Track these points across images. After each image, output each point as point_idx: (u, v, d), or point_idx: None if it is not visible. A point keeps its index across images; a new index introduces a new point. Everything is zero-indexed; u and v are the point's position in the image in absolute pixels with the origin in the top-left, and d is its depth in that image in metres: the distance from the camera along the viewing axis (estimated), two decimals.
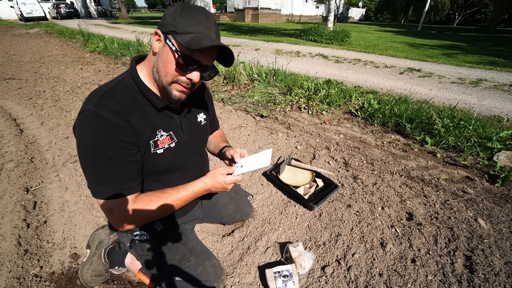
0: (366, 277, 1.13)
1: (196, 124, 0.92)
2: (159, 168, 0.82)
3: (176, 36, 0.65)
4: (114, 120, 0.66)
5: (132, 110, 0.71)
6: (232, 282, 1.12)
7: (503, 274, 1.11)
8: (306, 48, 7.83)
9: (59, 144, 2.26)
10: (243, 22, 21.66)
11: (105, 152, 0.67)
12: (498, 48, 8.68)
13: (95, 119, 0.65)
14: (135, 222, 0.78)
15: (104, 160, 0.68)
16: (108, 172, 0.69)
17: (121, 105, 0.69)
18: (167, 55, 0.67)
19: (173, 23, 0.65)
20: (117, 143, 0.68)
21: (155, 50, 0.70)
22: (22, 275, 1.14)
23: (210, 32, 0.68)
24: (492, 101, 3.45)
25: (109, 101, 0.68)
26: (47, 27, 12.47)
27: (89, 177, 0.70)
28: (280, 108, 3.06)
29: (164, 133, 0.79)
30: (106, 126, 0.66)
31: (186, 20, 0.65)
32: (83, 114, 0.67)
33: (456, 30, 19.99)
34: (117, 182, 0.71)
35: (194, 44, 0.63)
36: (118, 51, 6.00)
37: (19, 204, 1.55)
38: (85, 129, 0.67)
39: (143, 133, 0.73)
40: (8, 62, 5.46)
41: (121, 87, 0.72)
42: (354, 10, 38.01)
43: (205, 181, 0.82)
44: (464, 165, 1.93)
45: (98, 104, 0.67)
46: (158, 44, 0.69)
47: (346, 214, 1.48)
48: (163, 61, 0.69)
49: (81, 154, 0.69)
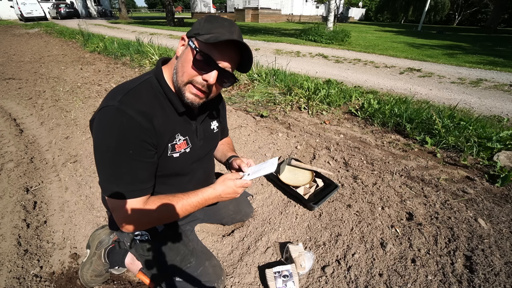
0: (366, 277, 1.13)
1: (210, 131, 0.93)
2: (170, 171, 0.81)
3: (198, 37, 0.68)
4: (138, 119, 0.66)
5: (155, 111, 0.71)
6: (232, 282, 1.12)
7: (503, 274, 1.11)
8: (306, 48, 7.83)
9: (59, 144, 2.26)
10: (243, 22, 21.66)
11: (126, 151, 0.66)
12: (498, 48, 8.68)
13: (119, 115, 0.64)
14: (143, 224, 0.76)
15: (123, 159, 0.66)
16: (125, 171, 0.68)
17: (146, 105, 0.69)
18: (187, 55, 0.69)
19: (198, 27, 0.69)
20: (139, 143, 0.67)
21: (178, 54, 0.72)
22: (22, 275, 1.14)
23: (233, 36, 0.68)
24: (492, 101, 3.45)
25: (134, 99, 0.68)
26: (47, 27, 12.47)
27: (103, 173, 0.69)
28: (280, 108, 3.06)
29: (182, 137, 0.79)
30: (129, 124, 0.65)
31: (210, 24, 0.68)
32: (106, 109, 0.65)
33: (456, 30, 20.00)
34: (132, 182, 0.69)
35: (212, 39, 0.65)
36: (118, 51, 5.99)
37: (19, 204, 1.55)
38: (107, 125, 0.65)
39: (164, 135, 0.73)
40: (8, 62, 5.46)
41: (146, 87, 0.72)
42: (354, 10, 38.01)
43: (215, 188, 0.82)
44: (464, 165, 1.93)
45: (123, 100, 0.66)
46: (182, 48, 0.72)
47: (346, 214, 1.48)
48: (183, 61, 0.70)
49: (99, 149, 0.67)
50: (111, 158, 0.66)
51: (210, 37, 0.65)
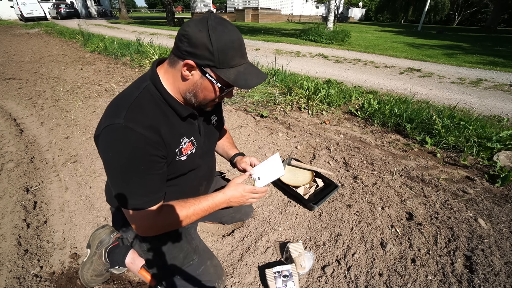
0: (366, 277, 1.13)
1: (210, 127, 0.94)
2: (179, 172, 0.83)
3: (217, 71, 0.65)
4: (147, 135, 0.66)
5: (160, 121, 0.71)
6: (232, 282, 1.12)
7: (503, 274, 1.11)
8: (306, 48, 7.83)
9: (59, 144, 2.26)
10: (243, 22, 21.66)
11: (137, 167, 0.67)
12: (498, 48, 8.68)
13: (128, 134, 0.64)
14: (159, 229, 0.79)
15: (135, 175, 0.67)
16: (138, 186, 0.69)
17: (151, 118, 0.69)
18: (207, 86, 0.69)
19: (211, 58, 0.63)
20: (149, 158, 0.67)
21: (187, 78, 0.68)
22: (22, 275, 1.14)
23: (246, 58, 0.70)
24: (492, 101, 3.45)
25: (139, 114, 0.67)
26: (47, 27, 12.47)
27: (117, 189, 0.71)
28: (280, 108, 3.06)
29: (187, 139, 0.80)
30: (139, 142, 0.65)
31: (224, 55, 0.64)
32: (113, 127, 0.65)
33: (456, 30, 19.99)
34: (146, 194, 0.71)
35: (243, 84, 0.67)
36: (118, 51, 5.99)
37: (19, 204, 1.56)
38: (116, 144, 0.65)
39: (172, 144, 0.74)
40: (8, 62, 5.46)
41: (146, 96, 0.71)
42: (354, 10, 38.00)
43: (225, 192, 0.84)
44: (464, 165, 1.93)
45: (128, 117, 0.65)
46: (191, 73, 0.67)
47: (346, 214, 1.48)
48: (203, 91, 0.70)
49: (111, 168, 0.69)
50: (124, 176, 0.68)
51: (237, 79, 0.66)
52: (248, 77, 0.68)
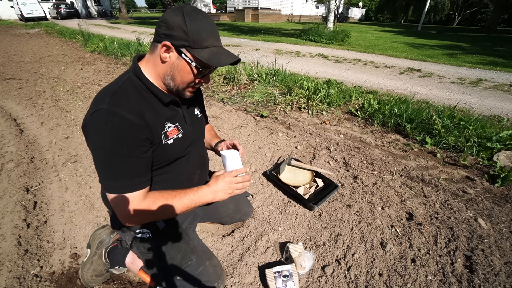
0: (366, 277, 1.13)
1: (195, 117, 0.97)
2: (168, 158, 0.85)
3: (191, 50, 0.70)
4: (130, 117, 0.69)
5: (143, 106, 0.74)
6: (232, 282, 1.12)
7: (503, 274, 1.11)
8: (306, 48, 7.83)
9: (59, 144, 2.26)
10: (243, 22, 21.66)
11: (120, 149, 0.69)
12: (498, 48, 8.68)
13: (111, 117, 0.67)
14: (144, 217, 0.78)
15: (118, 157, 0.69)
16: (121, 168, 0.71)
17: (134, 103, 0.72)
18: (184, 67, 0.72)
19: (185, 38, 0.68)
20: (132, 140, 0.70)
21: (165, 60, 0.72)
22: (22, 275, 1.15)
23: (219, 42, 0.75)
24: (492, 101, 3.45)
25: (122, 99, 0.71)
26: (47, 27, 12.48)
27: (102, 172, 0.72)
28: (280, 108, 3.06)
29: (172, 124, 0.83)
30: (122, 124, 0.68)
31: (198, 36, 0.69)
32: (98, 113, 0.68)
33: (456, 30, 20.00)
34: (129, 177, 0.72)
35: (215, 62, 0.71)
36: (118, 51, 6.00)
37: (19, 204, 1.56)
38: (101, 128, 0.67)
39: (156, 127, 0.77)
40: (8, 62, 5.46)
41: (129, 85, 0.75)
42: (354, 10, 38.01)
43: (209, 184, 0.85)
44: (464, 165, 1.93)
45: (111, 102, 0.69)
46: (169, 54, 0.71)
47: (346, 214, 1.48)
48: (180, 72, 0.74)
49: (96, 151, 0.70)
50: (108, 158, 0.69)
51: (210, 58, 0.70)
52: (221, 57, 0.73)
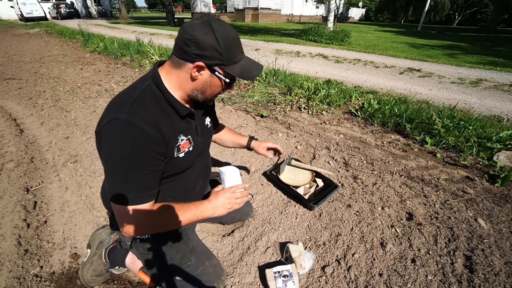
0: (366, 277, 1.13)
1: (205, 127, 0.97)
2: (177, 170, 0.85)
3: (224, 68, 0.73)
4: (149, 131, 0.68)
5: (161, 118, 0.74)
6: (232, 282, 1.12)
7: (503, 274, 1.11)
8: (306, 48, 7.83)
9: (59, 144, 2.26)
10: (243, 22, 21.66)
11: (136, 161, 0.68)
12: (498, 48, 8.68)
13: (130, 128, 0.66)
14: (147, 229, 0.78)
15: (133, 169, 0.68)
16: (134, 180, 0.70)
17: (152, 114, 0.71)
18: (216, 82, 0.75)
19: (219, 57, 0.70)
20: (149, 153, 0.69)
21: (196, 78, 0.73)
22: (22, 275, 1.15)
23: (244, 54, 0.78)
24: (492, 101, 3.45)
25: (141, 109, 0.70)
26: (47, 27, 12.48)
27: (113, 182, 0.71)
28: (280, 108, 3.06)
29: (184, 137, 0.82)
30: (141, 136, 0.67)
31: (230, 53, 0.71)
32: (116, 122, 0.67)
33: (456, 30, 19.99)
34: (140, 189, 0.71)
35: (247, 76, 0.76)
36: (118, 51, 5.99)
37: (19, 204, 1.56)
38: (117, 138, 0.66)
39: (171, 140, 0.77)
40: (8, 62, 5.46)
41: (148, 94, 0.73)
42: (354, 10, 38.00)
43: (210, 199, 0.86)
44: (464, 165, 1.93)
45: (131, 112, 0.67)
46: (200, 73, 0.72)
47: (346, 214, 1.48)
48: (212, 87, 0.76)
49: (110, 160, 0.69)
50: (122, 169, 0.68)
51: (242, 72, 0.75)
52: (251, 69, 0.77)
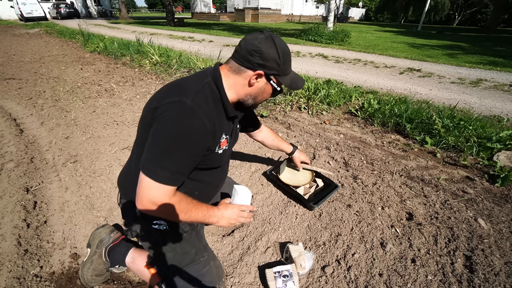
0: (366, 277, 1.13)
1: (236, 130, 1.03)
2: (213, 165, 0.92)
3: (279, 78, 0.83)
4: (207, 124, 0.75)
5: (216, 115, 0.82)
6: (232, 282, 1.12)
7: (503, 274, 1.11)
8: (306, 48, 7.83)
9: (59, 144, 2.26)
10: (243, 22, 21.65)
11: (184, 146, 0.73)
12: (498, 48, 8.69)
13: (193, 115, 0.73)
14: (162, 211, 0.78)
15: (179, 151, 0.73)
16: (175, 161, 0.74)
17: (211, 110, 0.79)
18: (269, 90, 0.86)
19: (277, 68, 0.81)
20: (198, 143, 0.76)
21: (253, 84, 0.83)
22: (22, 275, 1.14)
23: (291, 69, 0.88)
24: (492, 101, 3.45)
25: (203, 102, 0.77)
26: (47, 27, 12.47)
27: (153, 156, 0.73)
28: (280, 108, 3.06)
29: (225, 136, 0.90)
30: (199, 127, 0.74)
31: (286, 66, 0.83)
32: (180, 104, 0.72)
33: (456, 30, 19.99)
34: (175, 172, 0.74)
35: (294, 86, 0.88)
36: (118, 51, 5.99)
37: (19, 204, 1.56)
38: (178, 119, 0.72)
39: (218, 137, 0.84)
40: (8, 62, 5.46)
41: (209, 90, 0.81)
42: (354, 10, 38.01)
43: (219, 208, 0.92)
44: (464, 165, 1.93)
45: (196, 101, 0.74)
46: (257, 80, 0.82)
47: (346, 214, 1.48)
48: (264, 94, 0.87)
49: (160, 136, 0.72)
50: (170, 147, 0.72)
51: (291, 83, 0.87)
52: (297, 81, 0.89)
